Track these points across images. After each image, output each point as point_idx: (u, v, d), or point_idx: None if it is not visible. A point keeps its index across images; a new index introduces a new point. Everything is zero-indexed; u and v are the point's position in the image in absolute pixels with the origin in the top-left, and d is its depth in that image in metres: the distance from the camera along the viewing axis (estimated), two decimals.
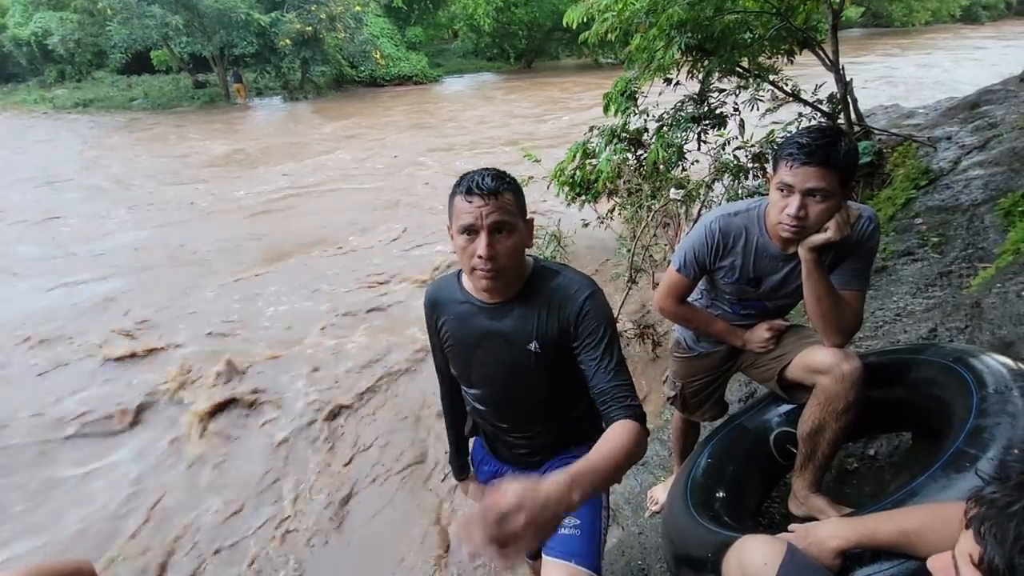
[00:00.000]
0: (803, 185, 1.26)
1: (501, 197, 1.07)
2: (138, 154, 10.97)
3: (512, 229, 1.09)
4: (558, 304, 1.15)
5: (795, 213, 1.28)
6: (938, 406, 1.26)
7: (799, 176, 1.26)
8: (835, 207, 1.28)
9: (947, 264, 2.84)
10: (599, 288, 1.20)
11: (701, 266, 1.52)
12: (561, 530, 1.18)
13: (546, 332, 1.16)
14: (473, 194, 1.07)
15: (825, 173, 1.24)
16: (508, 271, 1.11)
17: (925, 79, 13.14)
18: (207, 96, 18.17)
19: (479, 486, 1.53)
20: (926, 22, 28.08)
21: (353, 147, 10.94)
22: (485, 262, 1.07)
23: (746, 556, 0.93)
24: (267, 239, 6.18)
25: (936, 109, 5.86)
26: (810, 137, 1.26)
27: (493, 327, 1.20)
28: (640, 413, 1.12)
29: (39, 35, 19.31)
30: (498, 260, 1.08)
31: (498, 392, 1.29)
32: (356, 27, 18.63)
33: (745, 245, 1.46)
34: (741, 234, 1.45)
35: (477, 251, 1.07)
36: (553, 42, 24.79)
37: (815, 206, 1.27)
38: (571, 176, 4.31)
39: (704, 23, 3.50)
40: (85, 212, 7.32)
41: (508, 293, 1.18)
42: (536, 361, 1.18)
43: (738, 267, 1.48)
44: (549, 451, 1.35)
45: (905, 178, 3.88)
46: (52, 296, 4.91)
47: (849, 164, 1.25)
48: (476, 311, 1.22)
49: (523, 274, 1.18)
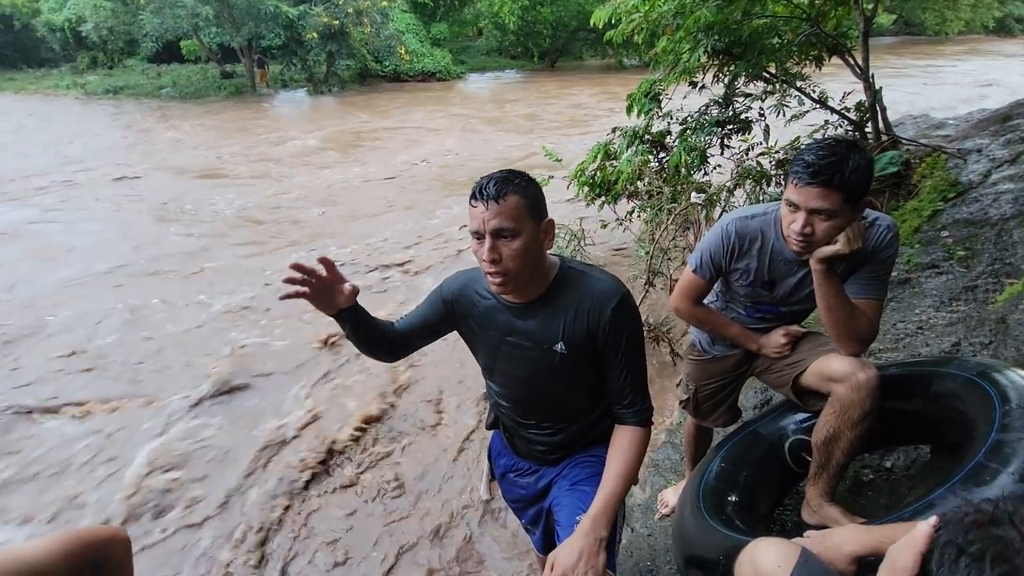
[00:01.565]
0: (807, 204, 1.26)
1: (504, 202, 1.07)
2: (255, 142, 11.07)
3: (516, 234, 1.08)
4: (587, 308, 1.17)
5: (799, 231, 1.29)
6: (959, 419, 1.25)
7: (803, 195, 1.26)
8: (842, 224, 1.28)
9: (973, 278, 2.79)
10: (627, 290, 1.21)
11: (717, 267, 1.52)
12: (575, 526, 1.18)
13: (573, 334, 1.17)
14: (478, 199, 1.09)
15: (828, 193, 1.23)
16: (516, 274, 1.12)
17: (956, 90, 12.85)
18: (233, 87, 18.44)
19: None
20: (959, 32, 27.48)
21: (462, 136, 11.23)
22: (490, 265, 1.10)
23: (759, 558, 0.93)
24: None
25: (967, 120, 5.74)
26: (817, 155, 1.24)
27: (519, 326, 1.22)
28: (649, 416, 1.25)
29: (73, 21, 19.79)
30: (502, 264, 1.09)
31: (521, 390, 1.30)
32: (382, 22, 18.76)
33: (761, 248, 1.46)
34: (757, 237, 1.45)
35: (483, 255, 1.10)
36: (578, 42, 24.70)
37: (820, 224, 1.28)
38: (591, 177, 4.31)
39: (732, 27, 3.47)
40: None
41: (529, 294, 1.19)
42: (561, 362, 1.20)
43: (753, 270, 1.48)
44: (567, 450, 1.36)
45: (932, 190, 3.81)
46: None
47: (858, 182, 1.23)
48: (502, 308, 1.23)
49: (545, 274, 1.19)
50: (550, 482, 1.38)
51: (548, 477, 1.39)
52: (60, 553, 0.94)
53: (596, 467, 1.29)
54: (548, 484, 1.39)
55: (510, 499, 1.53)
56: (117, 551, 1.04)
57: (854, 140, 1.33)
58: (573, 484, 1.30)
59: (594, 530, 1.10)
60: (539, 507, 1.45)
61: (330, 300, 1.22)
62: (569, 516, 1.22)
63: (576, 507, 1.23)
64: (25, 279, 5.01)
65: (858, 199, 1.26)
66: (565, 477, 1.34)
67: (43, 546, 0.93)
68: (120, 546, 1.05)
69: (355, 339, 1.29)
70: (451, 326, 1.34)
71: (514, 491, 1.49)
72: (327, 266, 1.20)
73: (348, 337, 1.29)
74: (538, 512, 1.46)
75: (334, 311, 1.24)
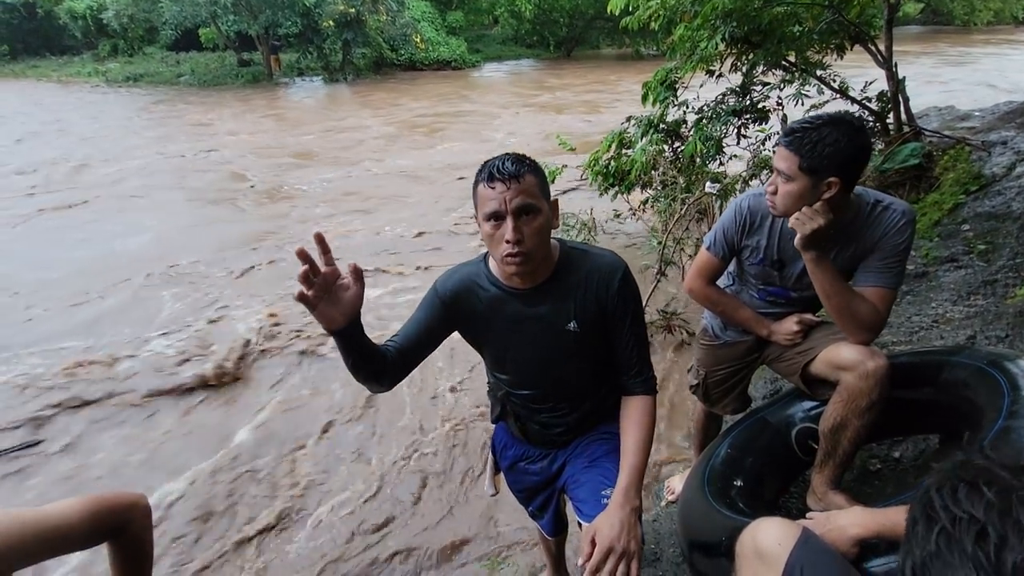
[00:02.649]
0: (776, 164, 1.35)
1: (523, 180, 1.07)
2: (330, 128, 11.13)
3: (537, 211, 1.08)
4: (595, 283, 1.19)
5: (767, 188, 1.38)
6: (969, 408, 1.24)
7: (777, 154, 1.35)
8: (799, 192, 1.31)
9: (992, 273, 2.74)
10: (626, 263, 1.23)
11: (730, 245, 1.54)
12: (602, 500, 1.21)
13: (585, 310, 1.19)
14: (495, 180, 1.07)
15: (789, 155, 1.30)
16: (536, 254, 1.10)
17: (983, 81, 12.48)
18: (250, 75, 18.55)
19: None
20: (988, 22, 26.64)
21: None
22: (513, 246, 1.06)
23: (760, 536, 0.95)
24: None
25: (993, 112, 5.59)
26: (799, 122, 1.32)
27: (529, 312, 1.20)
28: (655, 384, 1.30)
29: (94, 9, 20.02)
30: (525, 243, 1.07)
31: (536, 375, 1.29)
32: (398, 10, 18.71)
33: (772, 225, 1.47)
34: (769, 214, 1.46)
35: (505, 236, 1.07)
36: (594, 31, 24.37)
37: (781, 186, 1.34)
38: (605, 166, 4.29)
39: (751, 14, 3.41)
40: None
41: (538, 277, 1.18)
42: (575, 340, 1.21)
43: (763, 247, 1.49)
44: (580, 428, 1.38)
45: (955, 182, 3.73)
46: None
47: (821, 154, 1.25)
48: (509, 298, 1.21)
49: (551, 257, 1.19)
50: (563, 463, 1.40)
51: (560, 459, 1.41)
52: (84, 515, 0.98)
53: (610, 443, 1.31)
54: (561, 465, 1.41)
55: (518, 489, 1.54)
56: (138, 516, 1.08)
57: (854, 121, 1.32)
58: (592, 461, 1.32)
59: (628, 501, 1.13)
60: (550, 491, 1.47)
61: (336, 304, 1.01)
62: (593, 492, 1.25)
63: (599, 483, 1.25)
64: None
65: (818, 171, 1.27)
66: (580, 455, 1.35)
67: (68, 508, 0.97)
68: (140, 511, 1.09)
69: (356, 366, 1.11)
70: (452, 327, 1.27)
71: (524, 480, 1.49)
72: (321, 247, 1.00)
73: (348, 365, 1.10)
74: (548, 497, 1.49)
75: (341, 324, 1.02)
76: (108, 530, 1.03)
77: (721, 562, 1.21)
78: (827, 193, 1.28)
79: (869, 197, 1.39)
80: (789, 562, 0.89)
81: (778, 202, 1.36)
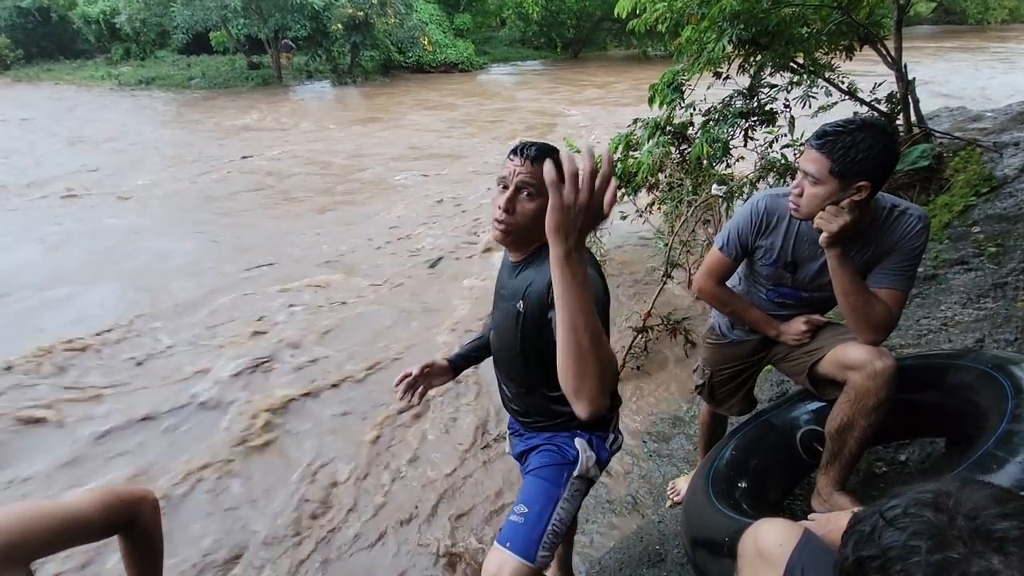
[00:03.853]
0: (803, 165, 1.34)
1: (539, 165, 1.15)
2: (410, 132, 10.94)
3: (535, 195, 1.17)
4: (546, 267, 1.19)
5: (792, 188, 1.37)
6: (973, 411, 1.24)
7: (805, 157, 1.34)
8: (826, 195, 1.31)
9: (1003, 275, 2.72)
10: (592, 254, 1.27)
11: (743, 245, 1.54)
12: (511, 516, 1.24)
13: (532, 294, 1.21)
14: (516, 155, 1.18)
15: (819, 158, 1.30)
16: (518, 230, 1.19)
17: (996, 81, 12.34)
18: (260, 77, 18.71)
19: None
20: (1002, 20, 26.34)
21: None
22: (501, 212, 1.17)
23: (762, 536, 0.95)
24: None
25: (1006, 113, 5.53)
26: (833, 125, 1.31)
27: (506, 281, 1.32)
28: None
29: (107, 13, 20.28)
30: (512, 216, 1.17)
31: (497, 341, 1.39)
32: (406, 13, 18.80)
33: (788, 227, 1.47)
34: (786, 214, 1.47)
35: (499, 203, 1.18)
36: (602, 32, 24.35)
37: (809, 188, 1.34)
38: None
39: (759, 16, 3.41)
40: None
41: (520, 252, 1.27)
42: (518, 318, 1.24)
43: (776, 248, 1.49)
44: (533, 420, 1.39)
45: (965, 184, 3.70)
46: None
47: (853, 159, 1.26)
48: (507, 265, 1.33)
49: (540, 242, 1.23)
50: (523, 454, 1.43)
51: (522, 447, 1.44)
52: (100, 507, 1.03)
53: (552, 457, 1.33)
54: (522, 454, 1.44)
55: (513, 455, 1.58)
56: (147, 509, 1.13)
57: (884, 126, 1.33)
58: (527, 472, 1.36)
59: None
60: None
61: (440, 379, 1.50)
62: (513, 506, 1.28)
63: (520, 497, 1.29)
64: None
65: (848, 175, 1.28)
66: (528, 462, 1.38)
67: (84, 501, 1.02)
68: (149, 505, 1.14)
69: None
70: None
71: (511, 448, 1.55)
72: (418, 374, 1.46)
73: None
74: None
75: (452, 377, 1.52)
76: (121, 522, 1.08)
77: (725, 563, 1.22)
78: (855, 196, 1.30)
79: (885, 201, 1.39)
80: (790, 563, 0.90)
81: (803, 204, 1.36)
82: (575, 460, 1.30)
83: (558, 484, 1.28)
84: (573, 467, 1.30)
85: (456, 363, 1.54)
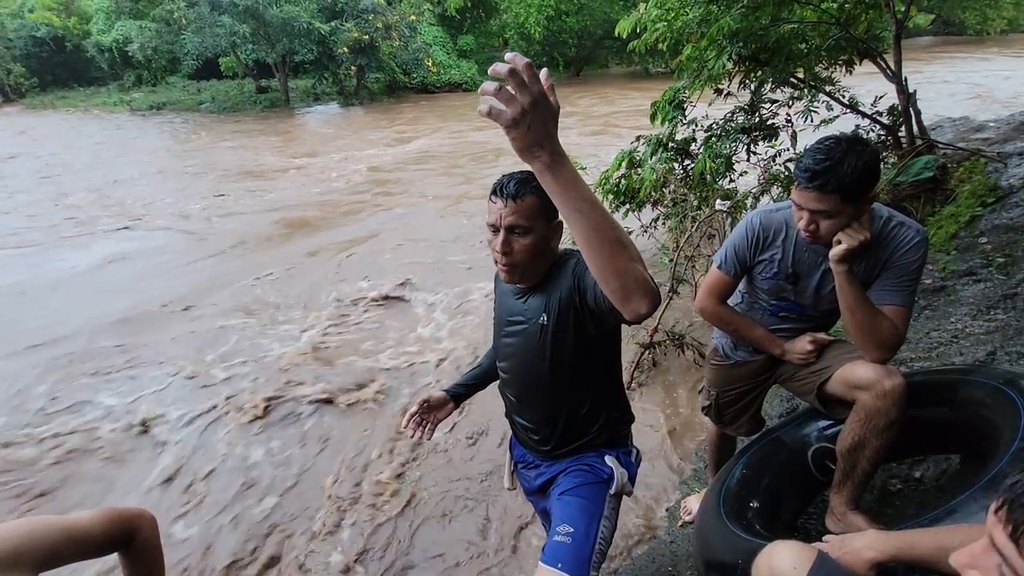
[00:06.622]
0: (807, 206, 1.33)
1: (522, 201, 1.16)
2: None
3: (528, 231, 1.18)
4: (563, 276, 1.23)
5: (805, 228, 1.36)
6: (986, 428, 1.23)
7: (804, 198, 1.33)
8: (845, 221, 1.31)
9: (1012, 286, 2.70)
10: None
11: (742, 262, 1.54)
12: (555, 537, 1.21)
13: (558, 301, 1.23)
14: (497, 196, 1.19)
15: (825, 197, 1.29)
16: (523, 266, 1.22)
17: (998, 91, 12.36)
18: (268, 101, 19.09)
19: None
20: (1001, 31, 26.48)
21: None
22: (501, 256, 1.20)
23: (776, 559, 0.94)
24: None
25: (1009, 123, 5.54)
26: (815, 159, 1.29)
27: (517, 307, 1.32)
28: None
29: (120, 42, 20.82)
30: (512, 256, 1.20)
31: (514, 370, 1.37)
32: (410, 36, 19.18)
33: (786, 239, 1.48)
34: (782, 228, 1.47)
35: (495, 246, 1.19)
36: (603, 50, 24.72)
37: (823, 222, 1.33)
38: (616, 184, 4.32)
39: (758, 33, 3.46)
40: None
41: (529, 282, 1.28)
42: (545, 333, 1.25)
43: (778, 260, 1.50)
44: (559, 446, 1.37)
45: (971, 195, 3.69)
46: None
47: (856, 183, 1.27)
48: (511, 292, 1.34)
49: (546, 266, 1.27)
50: (548, 483, 1.41)
51: (545, 476, 1.41)
52: (103, 524, 1.09)
53: (586, 476, 1.31)
54: (545, 484, 1.41)
55: (524, 489, 1.57)
56: (145, 526, 1.18)
57: (856, 137, 1.34)
58: (561, 494, 1.32)
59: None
60: (544, 505, 1.47)
61: (443, 411, 1.54)
62: (552, 527, 1.25)
63: (559, 517, 1.26)
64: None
65: (858, 197, 1.29)
66: (558, 485, 1.36)
67: (88, 518, 1.08)
68: (148, 522, 1.19)
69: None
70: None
71: (523, 483, 1.53)
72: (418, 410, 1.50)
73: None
74: (544, 510, 1.49)
75: (453, 409, 1.55)
76: (120, 539, 1.13)
77: None
78: (865, 207, 1.32)
79: (882, 212, 1.40)
80: None
81: (824, 237, 1.35)
82: (610, 478, 1.31)
83: (597, 502, 1.28)
84: (609, 484, 1.31)
85: (456, 393, 1.56)
